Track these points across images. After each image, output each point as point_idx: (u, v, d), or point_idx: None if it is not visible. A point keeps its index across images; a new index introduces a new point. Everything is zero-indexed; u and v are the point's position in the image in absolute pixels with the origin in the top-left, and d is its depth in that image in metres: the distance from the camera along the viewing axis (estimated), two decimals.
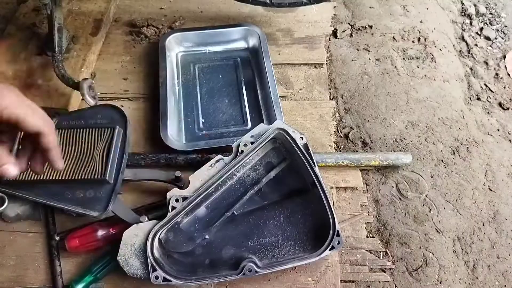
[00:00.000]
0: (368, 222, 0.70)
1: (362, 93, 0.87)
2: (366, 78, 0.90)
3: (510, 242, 0.68)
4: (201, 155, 0.71)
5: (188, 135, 0.77)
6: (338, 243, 0.58)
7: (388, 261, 0.66)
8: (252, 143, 0.63)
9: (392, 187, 0.74)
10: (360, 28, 0.99)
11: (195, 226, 0.62)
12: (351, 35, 0.98)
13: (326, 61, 0.92)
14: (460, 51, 1.00)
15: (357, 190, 0.73)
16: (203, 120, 0.79)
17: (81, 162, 0.62)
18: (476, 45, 1.00)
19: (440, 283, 0.64)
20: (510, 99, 0.89)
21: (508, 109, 0.87)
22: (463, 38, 1.02)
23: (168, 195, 0.60)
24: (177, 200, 0.59)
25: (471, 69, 0.96)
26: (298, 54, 0.93)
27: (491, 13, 1.08)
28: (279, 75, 0.88)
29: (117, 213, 0.60)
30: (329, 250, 0.58)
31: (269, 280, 0.63)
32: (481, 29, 1.04)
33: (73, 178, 0.60)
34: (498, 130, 0.84)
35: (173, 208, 0.59)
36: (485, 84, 0.92)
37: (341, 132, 0.82)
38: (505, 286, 0.65)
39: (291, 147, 0.63)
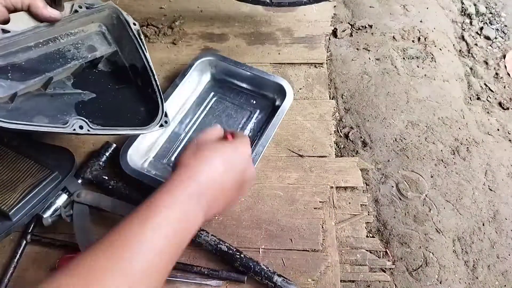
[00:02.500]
0: (368, 222, 0.70)
1: (362, 93, 0.87)
2: (366, 77, 0.89)
3: (510, 242, 0.69)
4: None
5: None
6: (166, 122, 0.63)
7: (388, 261, 0.66)
8: (87, 7, 0.61)
9: (392, 187, 0.74)
10: (360, 27, 0.99)
11: (8, 75, 0.54)
12: (351, 35, 0.98)
13: (326, 60, 0.92)
14: (460, 50, 1.00)
15: (357, 190, 0.73)
16: None
17: (1, 185, 0.62)
18: (476, 44, 1.00)
19: (440, 283, 0.64)
20: (510, 98, 0.89)
21: (508, 109, 0.87)
22: (463, 38, 1.02)
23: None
24: None
25: (471, 68, 0.96)
26: (298, 54, 0.92)
27: (491, 13, 1.07)
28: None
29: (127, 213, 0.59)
30: (159, 127, 0.62)
31: None
32: (481, 28, 1.04)
33: None
34: (498, 130, 0.84)
35: None
36: (485, 84, 0.92)
37: (341, 131, 0.82)
38: (505, 286, 0.65)
39: (121, 32, 0.63)
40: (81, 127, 0.53)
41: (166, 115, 0.64)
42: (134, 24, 0.63)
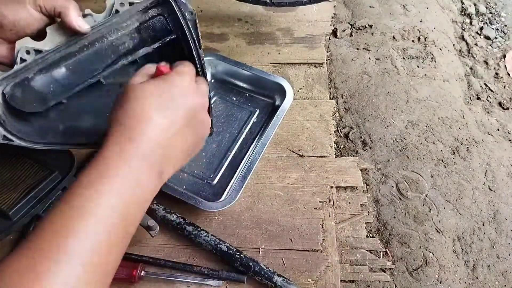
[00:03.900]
0: (368, 222, 0.70)
1: (362, 93, 0.87)
2: (366, 77, 0.89)
3: (510, 242, 0.68)
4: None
5: None
6: (191, 13, 0.53)
7: (388, 261, 0.66)
8: (131, 4, 0.51)
9: (392, 187, 0.74)
10: (360, 27, 0.99)
11: (50, 87, 0.51)
12: (351, 35, 0.98)
13: (326, 60, 0.92)
14: (460, 50, 0.99)
15: (357, 190, 0.73)
16: None
17: (1, 185, 0.61)
18: (476, 44, 1.00)
19: (440, 283, 0.64)
20: (510, 98, 0.89)
21: (508, 108, 0.87)
22: (463, 38, 1.02)
23: (18, 44, 0.48)
24: (28, 52, 0.48)
25: (471, 68, 0.96)
26: (298, 54, 0.92)
27: (491, 13, 1.07)
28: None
29: None
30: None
31: None
32: (481, 28, 1.03)
33: None
34: (498, 129, 0.84)
35: (22, 60, 0.48)
36: (485, 84, 0.92)
37: (341, 131, 0.82)
38: (505, 286, 0.65)
39: (178, 20, 0.54)
40: None
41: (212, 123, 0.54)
42: (191, 13, 0.54)
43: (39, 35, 0.48)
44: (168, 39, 0.55)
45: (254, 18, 0.99)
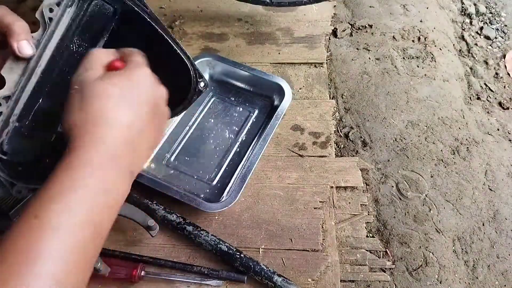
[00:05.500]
0: (368, 222, 0.70)
1: (362, 93, 0.87)
2: (366, 77, 0.89)
3: (510, 242, 0.68)
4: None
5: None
6: (204, 85, 0.52)
7: (388, 261, 0.66)
8: (58, 4, 0.46)
9: (392, 186, 0.74)
10: (360, 27, 0.99)
11: (42, 122, 0.48)
12: (351, 35, 0.98)
13: (326, 60, 0.92)
14: (460, 50, 0.99)
15: (357, 189, 0.73)
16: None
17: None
18: (476, 44, 1.00)
19: (440, 283, 0.64)
20: (510, 98, 0.89)
21: (508, 108, 0.87)
22: (463, 38, 1.02)
23: None
24: None
25: (471, 68, 0.96)
26: (298, 53, 0.92)
27: (491, 13, 1.07)
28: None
29: (125, 214, 0.59)
30: (196, 96, 0.53)
31: None
32: (481, 28, 1.03)
33: None
34: (498, 129, 0.84)
35: None
36: (485, 84, 0.92)
37: (341, 131, 0.82)
38: (505, 286, 0.65)
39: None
40: None
41: (200, 76, 0.51)
42: None
43: None
44: (114, 23, 0.52)
45: (254, 18, 0.99)
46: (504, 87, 0.92)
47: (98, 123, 0.36)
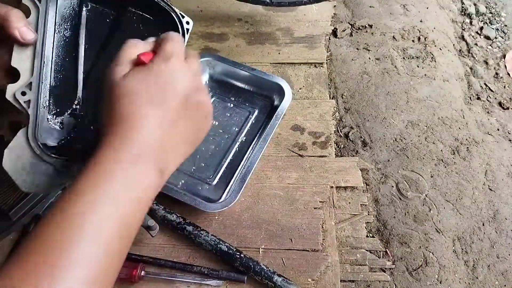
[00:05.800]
0: (368, 222, 0.70)
1: (362, 93, 0.87)
2: (366, 77, 0.89)
3: (510, 242, 0.68)
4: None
5: None
6: (188, 23, 0.49)
7: (388, 261, 0.66)
8: None
9: (392, 186, 0.74)
10: (360, 27, 0.99)
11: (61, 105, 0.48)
12: (351, 35, 0.98)
13: (326, 60, 0.92)
14: (460, 50, 0.99)
15: (357, 189, 0.73)
16: None
17: (1, 185, 0.59)
18: (476, 44, 1.00)
19: (440, 282, 0.64)
20: (510, 98, 0.89)
21: (508, 108, 0.87)
22: (463, 38, 1.02)
23: (9, 94, 0.43)
24: (23, 93, 0.43)
25: (471, 68, 0.96)
26: (298, 53, 0.92)
27: (491, 13, 1.07)
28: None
29: None
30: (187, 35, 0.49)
31: None
32: (481, 28, 1.03)
33: None
34: (498, 129, 0.84)
35: (27, 102, 0.43)
36: (485, 84, 0.92)
37: (341, 131, 0.82)
38: (505, 286, 0.65)
39: None
40: None
41: (182, 15, 0.49)
42: None
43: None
44: None
45: (254, 18, 0.99)
46: (504, 87, 0.92)
47: (125, 120, 0.36)
